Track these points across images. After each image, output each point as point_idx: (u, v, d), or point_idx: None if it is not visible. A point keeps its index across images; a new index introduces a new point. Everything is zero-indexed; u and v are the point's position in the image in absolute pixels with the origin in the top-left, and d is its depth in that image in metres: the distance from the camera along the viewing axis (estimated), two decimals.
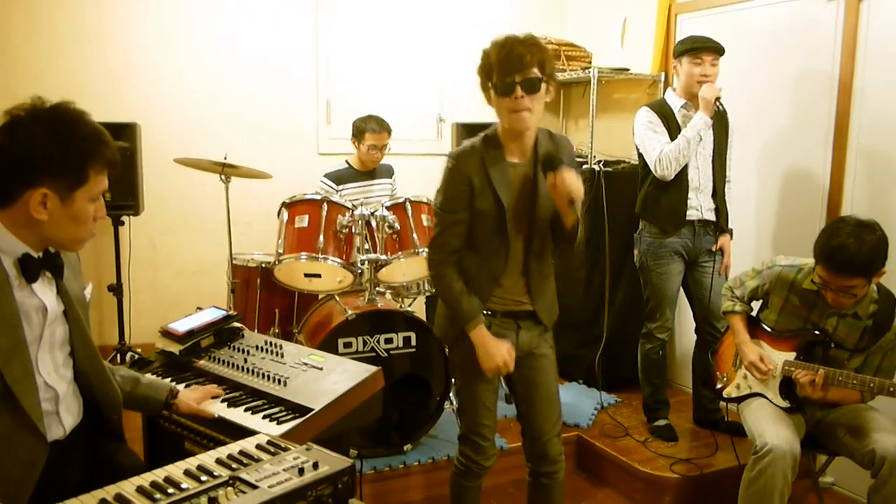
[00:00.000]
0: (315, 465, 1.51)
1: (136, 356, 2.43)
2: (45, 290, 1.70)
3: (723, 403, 3.00)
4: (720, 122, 3.51)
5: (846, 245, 2.44)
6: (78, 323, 1.79)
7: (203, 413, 2.03)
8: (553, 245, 2.40)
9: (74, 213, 1.63)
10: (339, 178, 4.29)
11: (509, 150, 2.29)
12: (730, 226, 3.60)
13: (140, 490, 1.43)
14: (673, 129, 3.47)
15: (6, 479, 1.60)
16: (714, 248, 3.57)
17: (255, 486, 1.44)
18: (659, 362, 3.70)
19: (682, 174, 3.46)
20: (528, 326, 2.44)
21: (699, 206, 3.50)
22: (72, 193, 1.61)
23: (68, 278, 1.77)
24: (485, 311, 2.37)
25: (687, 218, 3.50)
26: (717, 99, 3.33)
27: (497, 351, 2.30)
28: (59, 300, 1.74)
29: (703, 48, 3.37)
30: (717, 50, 3.38)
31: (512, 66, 2.12)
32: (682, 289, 3.67)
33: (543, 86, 2.17)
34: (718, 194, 3.52)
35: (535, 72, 2.13)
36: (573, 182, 2.11)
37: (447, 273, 2.31)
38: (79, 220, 1.65)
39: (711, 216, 3.53)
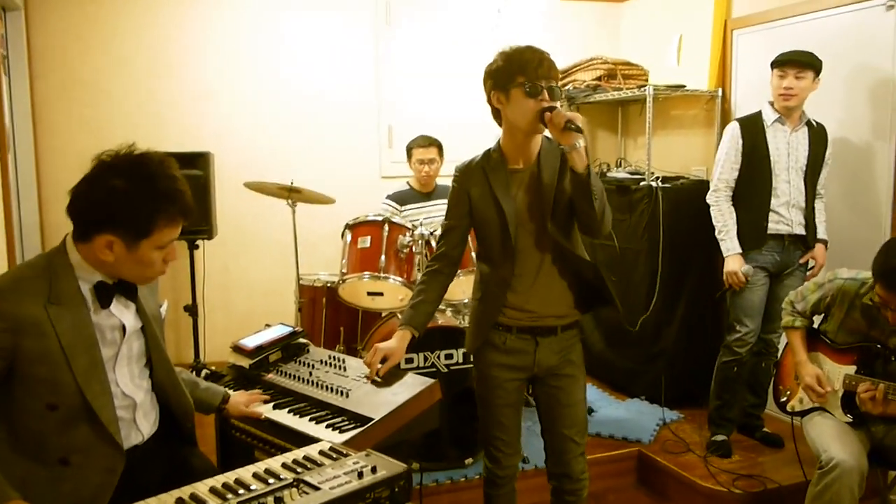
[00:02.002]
0: (373, 470, 1.61)
1: (210, 371, 2.58)
2: (122, 310, 1.86)
3: (794, 419, 2.96)
4: (817, 136, 3.51)
5: None
6: (154, 339, 1.95)
7: (252, 414, 2.21)
8: (579, 225, 2.35)
9: (139, 258, 1.76)
10: (401, 198, 4.43)
11: (512, 158, 2.35)
12: (823, 236, 3.58)
13: (213, 490, 1.56)
14: (758, 144, 3.48)
15: (89, 485, 1.77)
16: (802, 260, 3.56)
17: (317, 488, 1.55)
18: (733, 379, 3.65)
19: (764, 190, 3.48)
20: (548, 343, 2.39)
21: (790, 220, 3.49)
22: (137, 242, 1.74)
23: (145, 296, 1.93)
24: (499, 326, 2.39)
25: (777, 232, 3.50)
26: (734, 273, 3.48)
27: (375, 349, 2.37)
28: (138, 318, 1.90)
29: (786, 61, 3.38)
30: (804, 63, 3.35)
31: (545, 71, 2.21)
32: None
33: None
34: (808, 208, 3.51)
35: (557, 84, 2.24)
36: (562, 112, 2.15)
37: (425, 279, 2.48)
38: (144, 264, 1.78)
39: (801, 230, 3.51)
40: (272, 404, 2.29)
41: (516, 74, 2.22)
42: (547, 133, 2.30)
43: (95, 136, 4.56)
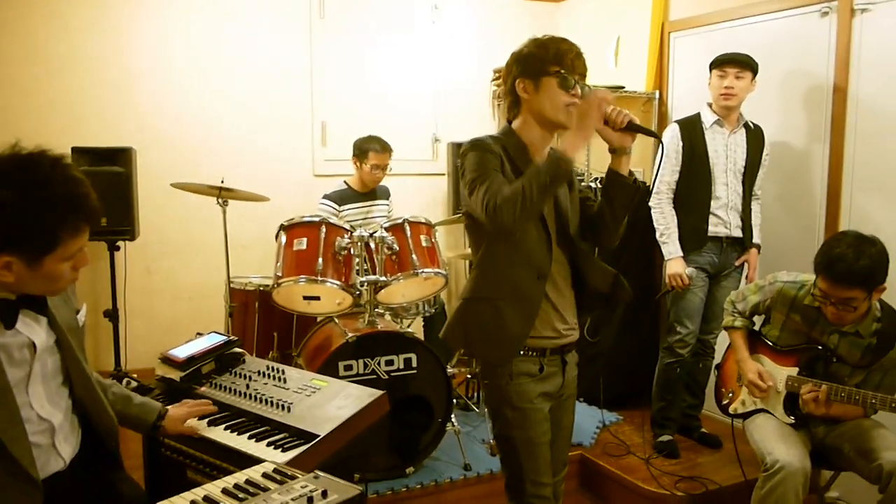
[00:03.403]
0: (324, 494, 1.49)
1: (135, 382, 2.38)
2: (31, 325, 1.66)
3: (735, 420, 2.97)
4: (754, 138, 3.56)
5: (845, 255, 2.44)
6: (70, 352, 1.75)
7: (189, 432, 1.99)
8: (597, 235, 2.21)
9: (44, 274, 1.57)
10: (340, 198, 4.30)
11: (533, 148, 2.14)
12: (758, 240, 3.63)
13: None
14: (698, 146, 3.50)
15: None
16: (737, 263, 3.60)
17: None
18: (675, 380, 3.68)
19: (703, 192, 3.50)
20: (572, 359, 2.25)
21: (729, 222, 3.53)
22: (39, 260, 1.54)
23: (57, 306, 1.73)
24: (532, 351, 2.12)
25: (715, 235, 3.53)
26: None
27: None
28: (50, 331, 1.71)
29: (726, 61, 3.42)
30: (742, 62, 3.40)
31: (581, 66, 2.08)
32: None
33: None
34: (745, 210, 3.56)
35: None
36: (623, 111, 1.98)
37: (504, 188, 1.95)
38: (51, 279, 1.60)
39: (739, 233, 3.56)
40: (206, 420, 2.12)
41: (551, 63, 2.05)
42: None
43: (3, 129, 4.24)
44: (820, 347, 2.72)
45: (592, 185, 4.26)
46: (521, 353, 2.12)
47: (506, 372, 2.13)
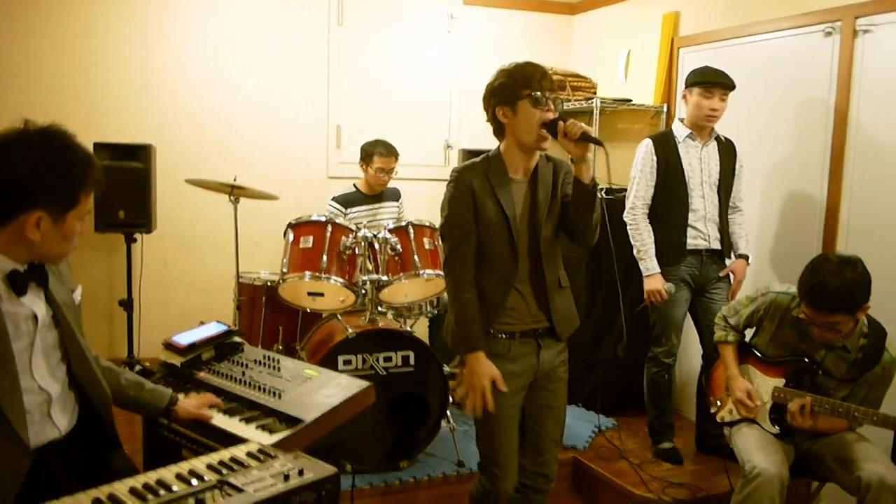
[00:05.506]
0: (300, 472, 1.59)
1: (139, 367, 2.50)
2: (34, 299, 1.78)
3: (725, 429, 3.03)
4: (726, 151, 3.59)
5: (827, 282, 2.49)
6: (67, 327, 1.87)
7: (202, 417, 2.10)
8: (573, 236, 2.48)
9: (64, 231, 1.74)
10: (347, 201, 4.39)
11: (513, 168, 2.42)
12: (745, 251, 3.64)
13: (132, 491, 1.51)
14: (672, 161, 3.53)
15: None
16: (721, 274, 3.61)
17: (241, 490, 1.52)
18: (665, 386, 3.73)
19: (681, 206, 3.53)
20: (548, 345, 2.49)
21: (707, 235, 3.55)
22: (64, 215, 1.72)
23: (53, 284, 1.85)
24: (502, 334, 2.42)
25: (694, 248, 3.55)
26: None
27: (484, 373, 2.32)
28: (48, 306, 1.83)
29: (714, 83, 3.43)
30: (729, 86, 3.45)
31: (548, 83, 2.33)
32: (689, 315, 3.71)
33: None
34: (723, 222, 3.59)
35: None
36: (578, 124, 2.26)
37: (467, 299, 2.38)
38: (67, 238, 1.77)
39: (718, 245, 3.59)
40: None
41: (522, 88, 2.31)
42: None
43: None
44: (807, 360, 2.78)
45: (598, 195, 4.30)
46: (493, 335, 2.42)
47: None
